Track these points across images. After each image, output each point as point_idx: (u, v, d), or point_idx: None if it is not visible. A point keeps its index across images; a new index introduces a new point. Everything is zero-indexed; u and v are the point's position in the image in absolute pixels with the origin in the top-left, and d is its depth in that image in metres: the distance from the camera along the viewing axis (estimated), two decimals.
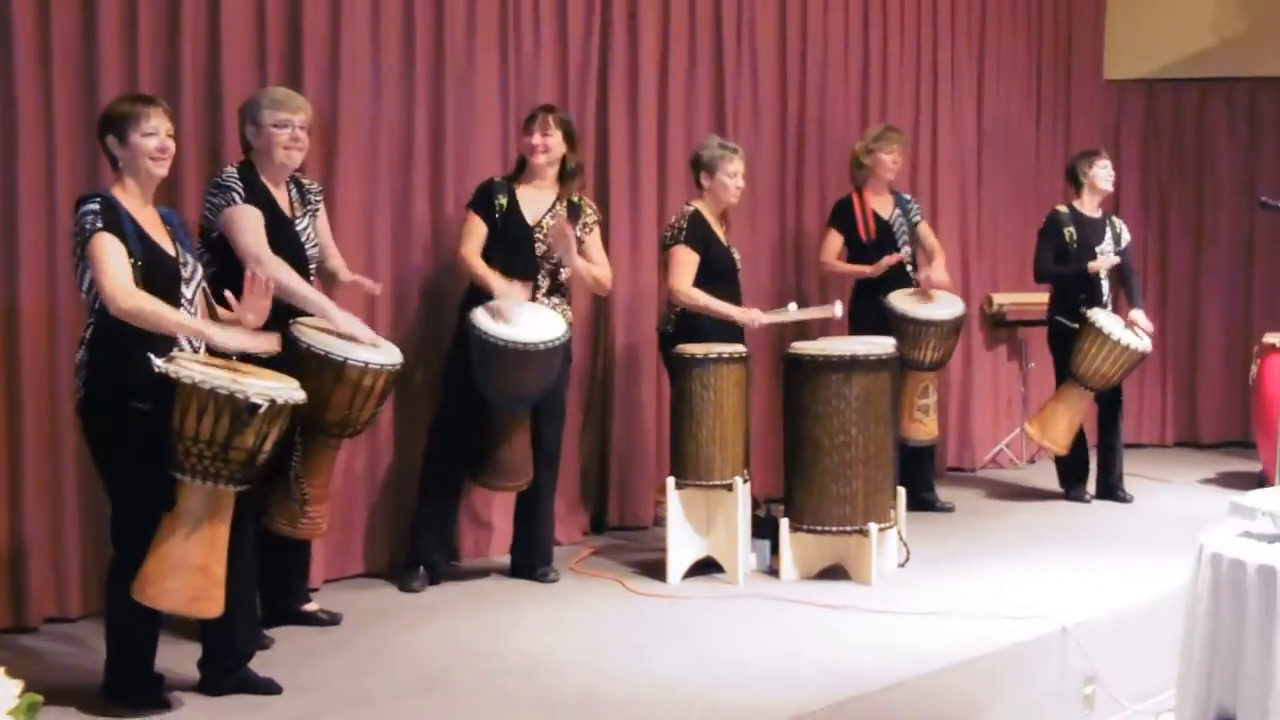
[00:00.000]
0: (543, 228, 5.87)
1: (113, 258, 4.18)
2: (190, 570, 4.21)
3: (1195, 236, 10.05)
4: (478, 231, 5.86)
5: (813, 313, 6.64)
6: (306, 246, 5.18)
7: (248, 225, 4.91)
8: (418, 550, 5.91)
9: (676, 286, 6.31)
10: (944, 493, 7.88)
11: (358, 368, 4.93)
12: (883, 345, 6.16)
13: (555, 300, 5.93)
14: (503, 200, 5.86)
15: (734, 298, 6.42)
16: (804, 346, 6.14)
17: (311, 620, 5.34)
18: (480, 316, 5.59)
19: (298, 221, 5.14)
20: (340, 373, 4.91)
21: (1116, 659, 5.44)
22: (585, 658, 4.93)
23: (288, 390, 4.30)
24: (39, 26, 5.12)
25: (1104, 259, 7.57)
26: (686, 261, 6.30)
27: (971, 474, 8.87)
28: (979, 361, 9.05)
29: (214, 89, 5.57)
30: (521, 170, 5.96)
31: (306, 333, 4.96)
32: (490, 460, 5.73)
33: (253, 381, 4.21)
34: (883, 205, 7.43)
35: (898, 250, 7.35)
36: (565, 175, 5.94)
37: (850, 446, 5.91)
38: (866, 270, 7.26)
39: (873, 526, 5.89)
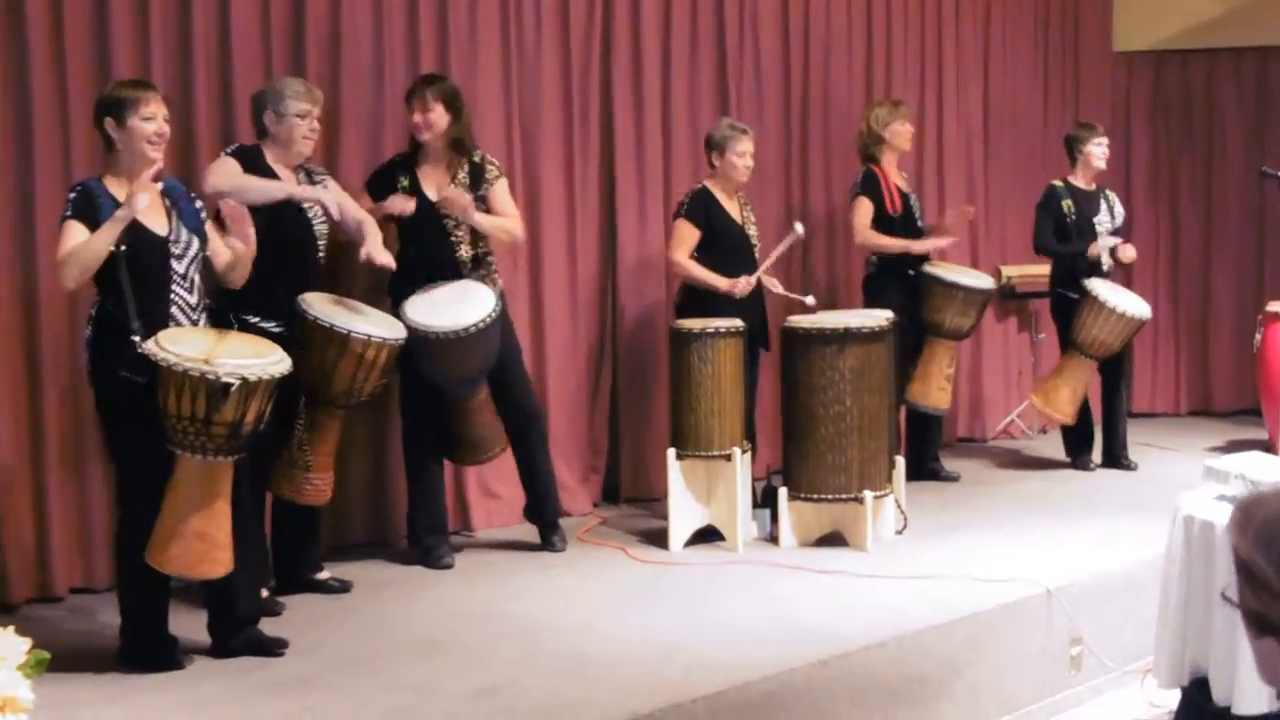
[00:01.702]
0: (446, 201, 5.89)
1: (67, 240, 4.45)
2: (189, 537, 4.45)
3: (1205, 206, 10.12)
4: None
5: (780, 249, 6.72)
6: (315, 223, 5.40)
7: (216, 168, 5.14)
8: (413, 531, 6.09)
9: (670, 257, 6.55)
10: (953, 463, 8.03)
11: (361, 340, 5.15)
12: (876, 317, 6.32)
13: (481, 272, 5.96)
14: (405, 181, 5.89)
15: (744, 272, 6.54)
16: (799, 319, 6.31)
17: (323, 588, 5.56)
18: (410, 308, 5.65)
19: (306, 203, 5.35)
20: (345, 345, 5.13)
21: (1103, 622, 5.60)
22: (581, 620, 5.14)
23: (263, 365, 4.48)
24: (52, 19, 5.34)
25: (1103, 241, 7.70)
26: (684, 234, 6.51)
27: (983, 444, 9.01)
28: (989, 333, 9.17)
29: (225, 78, 5.79)
30: (416, 148, 5.96)
31: (313, 305, 5.18)
32: (458, 439, 5.93)
33: (225, 361, 4.40)
34: (899, 180, 7.55)
35: (918, 224, 7.50)
36: (454, 144, 5.90)
37: (845, 417, 6.08)
38: (914, 247, 7.37)
39: (868, 494, 6.06)
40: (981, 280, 7.55)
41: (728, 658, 4.63)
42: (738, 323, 6.25)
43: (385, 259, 5.41)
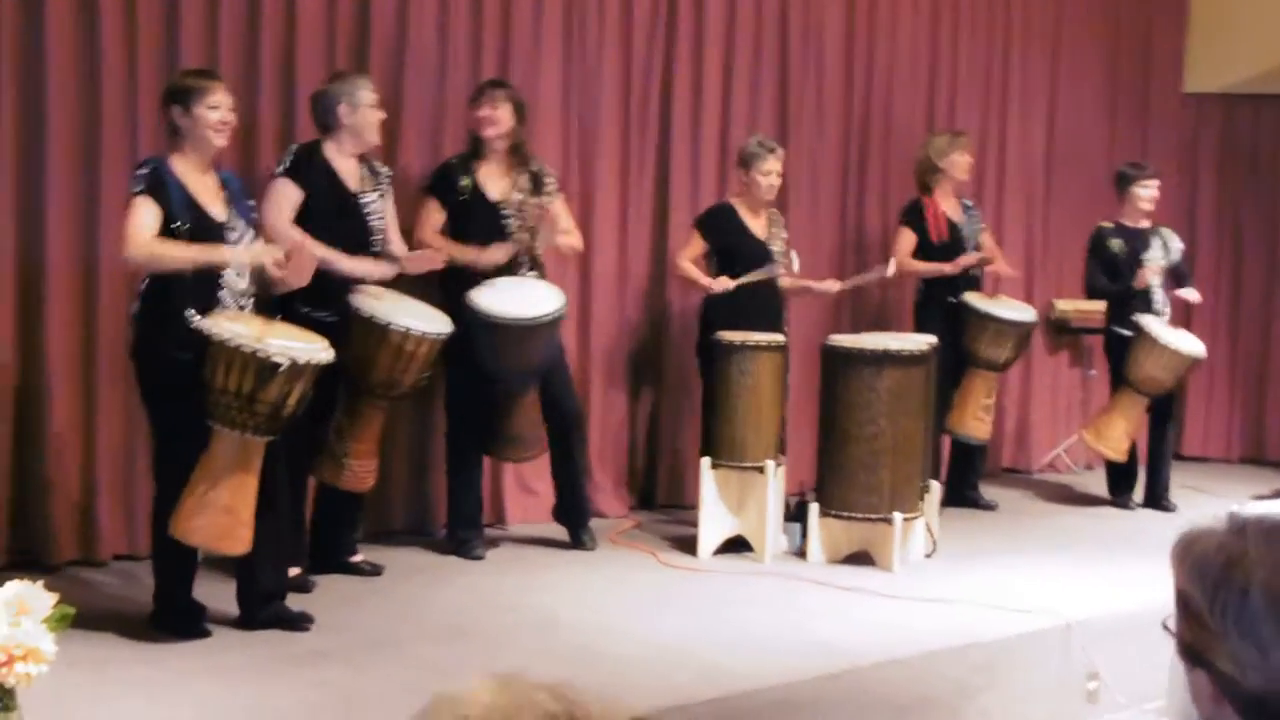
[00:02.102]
0: (509, 204, 6.05)
1: (139, 216, 4.62)
2: (217, 510, 4.62)
3: (1270, 252, 10.05)
4: (433, 216, 6.02)
5: (761, 275, 6.73)
6: (370, 219, 5.56)
7: (277, 200, 5.33)
8: (450, 522, 6.19)
9: (675, 257, 6.81)
10: (997, 493, 8.06)
11: (399, 332, 5.30)
12: (917, 341, 6.39)
13: (536, 272, 6.11)
14: (466, 182, 6.02)
15: (760, 288, 6.64)
16: (840, 339, 6.40)
17: (355, 570, 5.70)
18: (478, 296, 5.79)
19: (364, 195, 5.51)
20: (384, 336, 5.27)
21: (1123, 659, 5.61)
22: (601, 618, 5.25)
23: (310, 351, 4.67)
24: (126, 10, 5.54)
25: (1148, 269, 7.71)
26: (690, 241, 6.73)
27: (1027, 476, 9.01)
28: (1040, 366, 9.19)
29: (289, 73, 5.97)
30: (477, 149, 6.10)
31: (360, 298, 5.34)
32: (502, 435, 6.03)
33: (275, 342, 4.58)
34: (952, 209, 7.59)
35: (966, 253, 7.55)
36: (516, 149, 6.07)
37: (879, 437, 6.14)
38: (945, 268, 7.41)
39: (897, 515, 6.12)
40: (1019, 313, 7.53)
41: (738, 665, 4.72)
42: (779, 337, 6.35)
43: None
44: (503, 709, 1.08)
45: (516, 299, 5.83)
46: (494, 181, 6.09)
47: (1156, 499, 7.98)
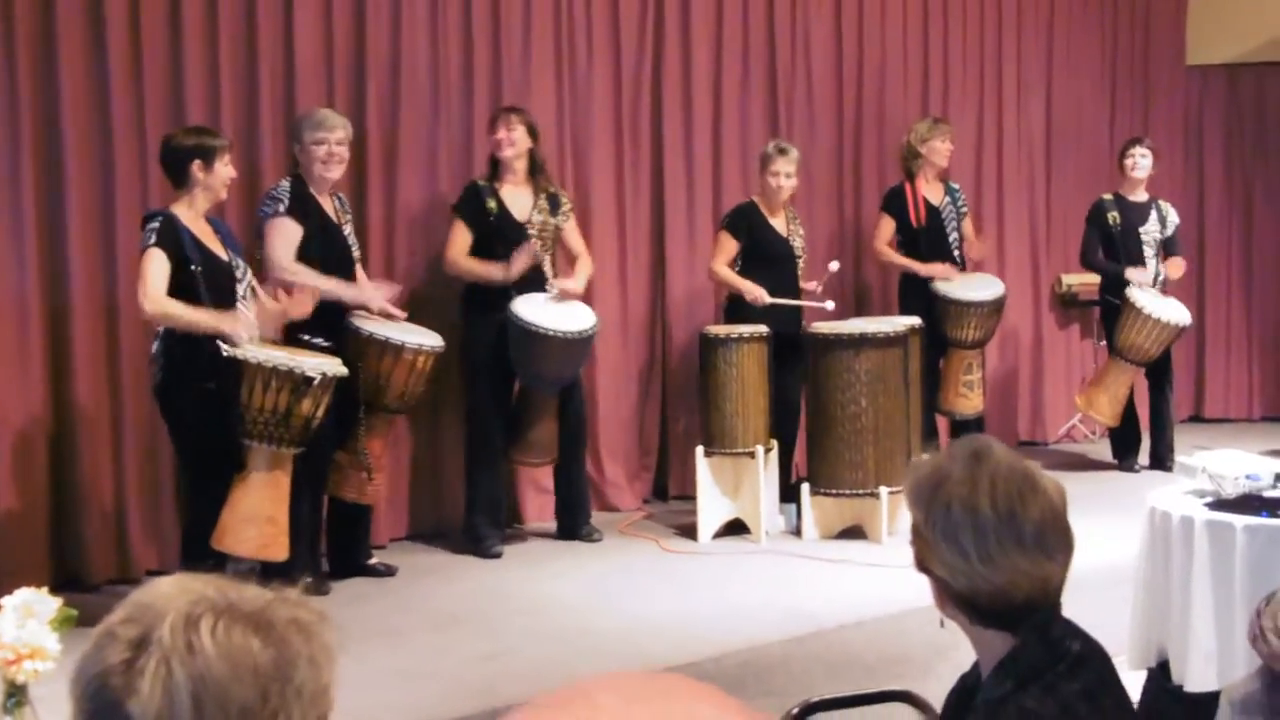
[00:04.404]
0: (533, 224, 6.45)
1: (154, 270, 5.05)
2: (261, 521, 5.08)
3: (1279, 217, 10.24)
4: (462, 237, 6.39)
5: (799, 304, 7.10)
6: (353, 248, 6.00)
7: (279, 234, 5.74)
8: (469, 522, 6.56)
9: (711, 265, 7.05)
10: None
11: (413, 349, 5.74)
12: (894, 324, 6.70)
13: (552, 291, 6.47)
14: (492, 204, 6.39)
15: (784, 282, 7.01)
16: (821, 325, 6.74)
17: (371, 572, 6.11)
18: (521, 307, 6.21)
19: (343, 226, 5.94)
20: (399, 355, 5.73)
21: (1100, 611, 5.87)
22: (594, 601, 5.63)
23: (334, 366, 5.22)
24: (131, 53, 5.96)
25: (1138, 274, 7.94)
26: (722, 244, 7.02)
27: (1044, 447, 9.27)
28: (1051, 340, 9.44)
29: (289, 108, 6.37)
30: (495, 171, 6.48)
31: (366, 323, 5.78)
32: (525, 440, 6.42)
33: (306, 359, 5.08)
34: (933, 193, 7.90)
35: (949, 238, 7.84)
36: (535, 168, 6.46)
37: (861, 417, 6.47)
38: (919, 270, 7.73)
39: (883, 490, 6.44)
40: (979, 292, 7.70)
41: (716, 634, 5.07)
42: (762, 329, 6.68)
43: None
44: (166, 594, 1.39)
45: (555, 313, 6.24)
46: (516, 202, 6.46)
47: (1161, 460, 8.20)
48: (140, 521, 6.02)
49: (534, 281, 6.41)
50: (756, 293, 6.85)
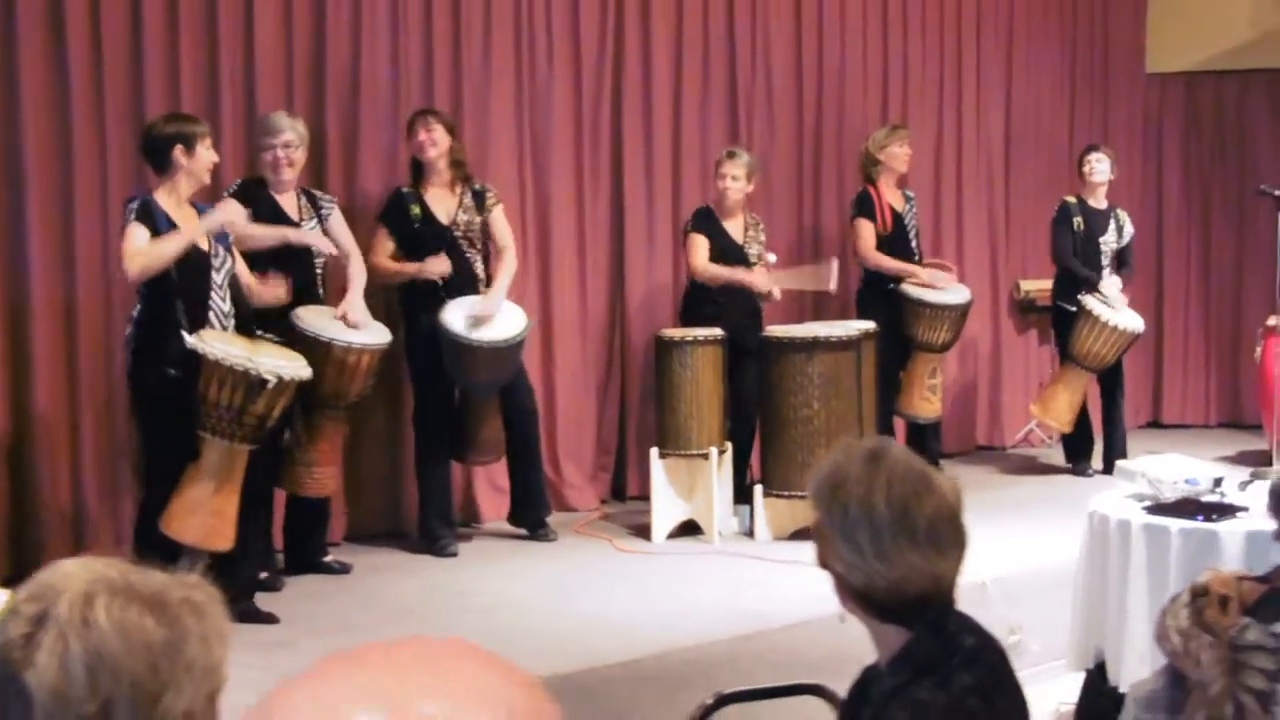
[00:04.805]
0: (458, 225, 6.49)
1: (133, 238, 5.17)
2: (208, 512, 5.15)
3: (1238, 223, 10.35)
4: (387, 243, 6.45)
5: (807, 282, 7.25)
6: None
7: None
8: (423, 522, 6.61)
9: (692, 265, 7.09)
10: (968, 469, 8.44)
11: (342, 347, 5.78)
12: (847, 328, 6.80)
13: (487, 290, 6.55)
14: (416, 209, 6.44)
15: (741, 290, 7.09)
16: (774, 329, 6.83)
17: (326, 569, 6.18)
18: (450, 317, 6.26)
19: (304, 223, 6.00)
20: (328, 352, 5.76)
21: (1047, 614, 5.98)
22: (545, 600, 5.70)
23: (294, 368, 5.25)
24: (92, 51, 6.00)
25: (1108, 286, 8.07)
26: (696, 244, 7.08)
27: (1001, 451, 9.38)
28: (1009, 346, 9.55)
29: (250, 108, 6.44)
30: (419, 175, 6.53)
31: (303, 318, 5.83)
32: (472, 439, 6.50)
33: (265, 360, 5.13)
34: (895, 199, 8.00)
35: (910, 243, 7.94)
36: (457, 164, 6.50)
37: (813, 420, 6.57)
38: (918, 274, 7.81)
39: None
40: (950, 296, 7.88)
41: (662, 632, 5.15)
42: (717, 331, 6.76)
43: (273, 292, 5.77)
44: (67, 574, 1.47)
45: (484, 321, 6.30)
46: (441, 204, 6.51)
47: (1112, 464, 8.28)
48: (99, 523, 6.06)
49: (467, 283, 6.48)
50: (755, 280, 6.95)
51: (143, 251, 5.16)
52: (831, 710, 2.80)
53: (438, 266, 6.38)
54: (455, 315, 6.30)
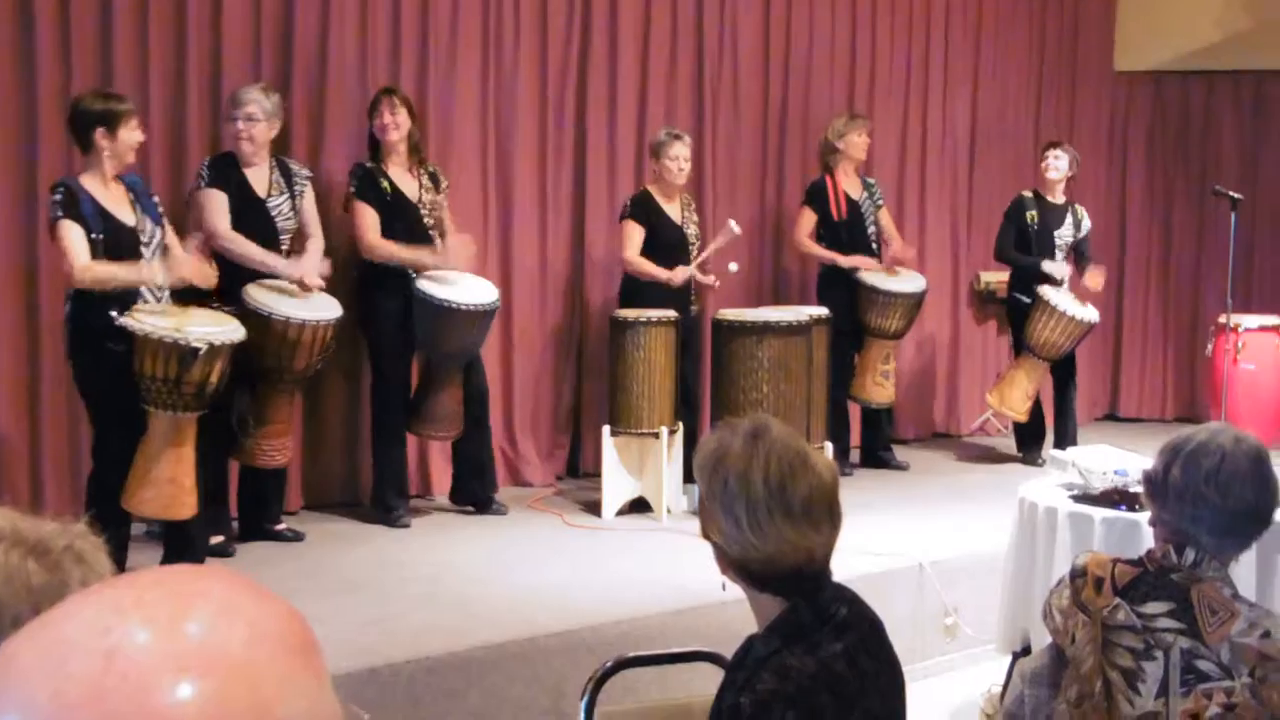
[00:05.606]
0: (424, 204, 6.61)
1: (72, 241, 5.20)
2: (161, 483, 5.25)
3: (1198, 222, 10.51)
4: (371, 218, 6.49)
5: (716, 244, 7.34)
6: (278, 220, 6.15)
7: (210, 205, 5.95)
8: (380, 496, 6.71)
9: (624, 255, 7.18)
10: (922, 455, 8.58)
11: (280, 321, 5.88)
12: (799, 313, 6.92)
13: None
14: (386, 184, 6.55)
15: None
16: (726, 312, 6.95)
17: (278, 537, 6.29)
18: (427, 285, 6.40)
19: (271, 199, 6.10)
20: (267, 325, 5.85)
21: (982, 597, 6.12)
22: (489, 572, 5.81)
23: (225, 332, 5.31)
24: (60, 29, 6.09)
25: (1056, 267, 8.21)
26: (630, 233, 7.17)
27: (958, 439, 9.51)
28: (968, 335, 9.69)
29: (216, 86, 6.53)
30: (378, 153, 6.60)
31: (252, 293, 5.93)
32: (430, 413, 6.60)
33: (194, 328, 5.20)
34: (852, 187, 8.13)
35: (867, 231, 8.08)
36: (415, 147, 6.61)
37: (762, 403, 6.68)
38: (840, 261, 7.96)
39: None
40: (905, 285, 8.02)
41: (599, 604, 5.27)
42: (670, 313, 6.88)
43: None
44: None
45: (461, 289, 6.43)
46: (404, 182, 6.62)
47: None
48: (58, 496, 6.14)
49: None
50: (674, 275, 7.07)
51: (94, 269, 5.18)
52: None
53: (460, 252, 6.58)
54: (433, 285, 6.42)
